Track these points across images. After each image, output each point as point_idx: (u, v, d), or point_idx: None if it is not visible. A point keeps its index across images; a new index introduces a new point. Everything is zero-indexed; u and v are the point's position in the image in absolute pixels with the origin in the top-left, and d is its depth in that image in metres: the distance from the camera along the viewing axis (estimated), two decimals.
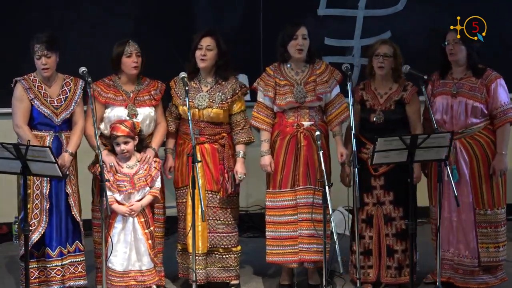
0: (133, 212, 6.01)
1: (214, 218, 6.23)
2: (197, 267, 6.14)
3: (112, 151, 6.12)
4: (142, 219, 6.07)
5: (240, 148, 6.23)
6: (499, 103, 6.05)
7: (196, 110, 6.15)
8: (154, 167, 6.10)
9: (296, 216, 6.15)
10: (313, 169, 6.13)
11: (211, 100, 6.15)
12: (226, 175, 6.19)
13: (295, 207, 6.15)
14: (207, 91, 6.19)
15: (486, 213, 6.11)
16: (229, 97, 6.18)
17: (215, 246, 6.23)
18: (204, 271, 6.20)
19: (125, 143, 6.02)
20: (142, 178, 6.06)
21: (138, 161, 6.09)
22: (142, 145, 6.12)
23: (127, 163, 6.08)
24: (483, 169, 6.09)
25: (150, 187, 6.09)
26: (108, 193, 5.90)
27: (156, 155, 6.20)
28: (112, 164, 6.03)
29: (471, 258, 6.12)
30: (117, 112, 6.14)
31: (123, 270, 6.03)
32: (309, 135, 6.14)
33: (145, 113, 6.17)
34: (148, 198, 6.09)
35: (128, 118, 6.11)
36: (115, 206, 6.00)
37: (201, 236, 6.17)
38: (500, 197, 6.13)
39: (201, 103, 6.15)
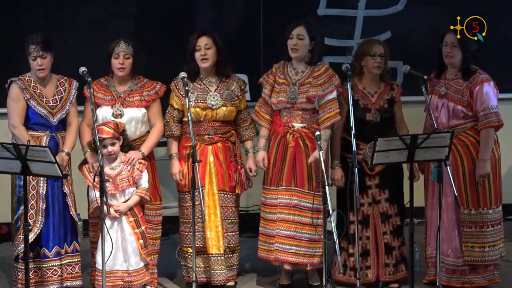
0: (119, 213, 5.99)
1: (225, 218, 6.23)
2: (218, 267, 6.18)
3: (95, 151, 6.07)
4: (131, 219, 6.04)
5: (249, 145, 6.28)
6: (481, 106, 6.02)
7: (209, 110, 6.15)
8: (137, 168, 6.05)
9: (276, 215, 6.17)
10: (300, 171, 6.12)
11: (223, 99, 6.16)
12: (241, 171, 6.21)
13: (276, 206, 6.16)
14: (215, 91, 6.19)
15: (470, 213, 6.10)
16: (238, 93, 6.22)
17: (226, 246, 6.24)
18: (225, 271, 6.21)
19: (112, 144, 6.00)
20: (125, 179, 6.03)
21: (122, 162, 6.07)
22: (124, 146, 6.09)
23: (111, 164, 6.05)
24: (467, 169, 6.08)
25: (136, 187, 6.07)
26: (96, 194, 5.79)
27: (145, 158, 6.12)
28: (94, 164, 6.00)
29: (454, 258, 6.13)
30: (103, 112, 6.13)
31: (109, 269, 5.97)
32: (298, 137, 6.13)
33: (131, 114, 6.14)
34: (134, 199, 6.05)
35: (112, 118, 6.09)
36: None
37: (221, 237, 6.18)
38: (486, 198, 6.10)
39: (215, 102, 6.15)
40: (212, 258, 6.19)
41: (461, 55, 6.07)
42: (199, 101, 6.13)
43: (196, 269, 6.16)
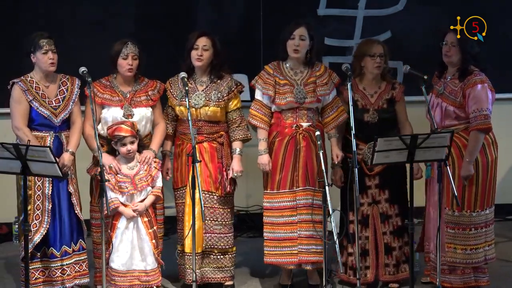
0: (137, 213, 6.02)
1: (211, 219, 6.22)
2: (191, 266, 6.13)
3: (109, 153, 6.10)
4: (146, 219, 6.07)
5: (237, 145, 6.24)
6: (471, 108, 6.00)
7: (193, 109, 6.15)
8: (154, 167, 6.10)
9: (295, 217, 6.15)
10: (311, 170, 6.14)
11: (207, 99, 6.16)
12: (224, 173, 6.20)
13: (294, 208, 6.15)
14: (202, 90, 6.19)
15: (454, 214, 6.10)
16: (225, 95, 6.19)
17: (211, 247, 6.22)
18: (198, 271, 6.19)
19: (132, 143, 6.03)
20: (143, 179, 6.06)
21: (138, 162, 6.09)
22: (139, 145, 6.12)
23: (128, 164, 6.08)
24: (457, 170, 6.07)
25: (152, 187, 6.10)
26: (113, 195, 5.95)
27: (155, 156, 6.19)
28: (112, 165, 6.03)
29: (435, 255, 6.11)
30: (113, 113, 6.14)
31: (126, 269, 6.02)
32: (308, 136, 6.14)
33: (141, 114, 6.16)
34: (150, 198, 6.09)
35: (124, 118, 6.11)
36: (122, 208, 6.00)
37: (196, 236, 6.17)
38: (471, 201, 6.09)
39: (198, 102, 6.16)
40: (186, 256, 6.17)
41: (460, 56, 6.07)
42: (184, 99, 6.12)
43: (182, 267, 6.23)
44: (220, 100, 6.17)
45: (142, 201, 6.07)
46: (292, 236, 6.17)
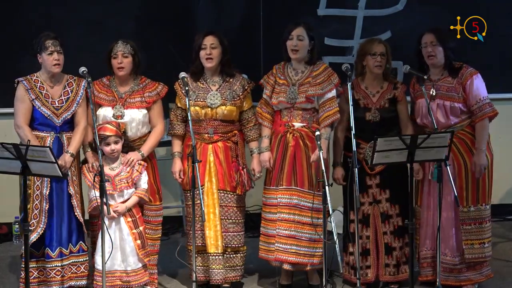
0: (117, 214, 6.01)
1: (226, 218, 6.23)
2: (216, 266, 6.17)
3: (95, 151, 6.08)
4: (129, 219, 6.05)
5: (254, 145, 6.27)
6: (475, 99, 6.05)
7: (209, 109, 6.16)
8: (136, 169, 6.07)
9: (275, 215, 6.18)
10: (300, 171, 6.13)
11: (223, 98, 6.17)
12: (242, 172, 6.21)
13: (276, 206, 6.18)
14: (217, 90, 6.20)
15: (470, 210, 6.12)
16: (240, 93, 6.21)
17: (225, 245, 6.23)
18: (223, 270, 6.21)
19: (116, 142, 6.01)
20: (124, 180, 6.04)
21: (121, 163, 6.08)
22: (124, 146, 6.09)
23: (111, 165, 6.06)
24: (469, 166, 6.10)
25: (136, 188, 6.08)
26: (96, 193, 5.79)
27: (145, 160, 6.14)
28: (94, 164, 6.02)
29: (451, 256, 6.14)
30: (104, 112, 6.14)
31: (108, 269, 5.97)
32: (299, 136, 6.14)
33: (132, 115, 6.14)
34: (133, 199, 6.07)
35: (113, 119, 6.10)
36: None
37: (220, 236, 6.18)
38: (485, 193, 6.14)
39: (214, 102, 6.16)
40: (211, 257, 6.19)
41: (443, 53, 6.08)
42: (199, 100, 6.15)
43: (197, 268, 6.18)
44: (236, 99, 6.19)
45: (124, 202, 6.07)
46: (275, 234, 6.19)
